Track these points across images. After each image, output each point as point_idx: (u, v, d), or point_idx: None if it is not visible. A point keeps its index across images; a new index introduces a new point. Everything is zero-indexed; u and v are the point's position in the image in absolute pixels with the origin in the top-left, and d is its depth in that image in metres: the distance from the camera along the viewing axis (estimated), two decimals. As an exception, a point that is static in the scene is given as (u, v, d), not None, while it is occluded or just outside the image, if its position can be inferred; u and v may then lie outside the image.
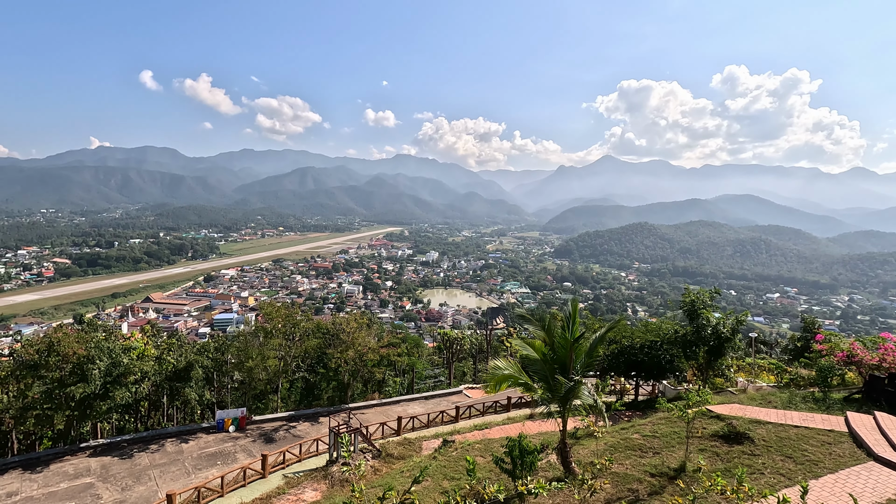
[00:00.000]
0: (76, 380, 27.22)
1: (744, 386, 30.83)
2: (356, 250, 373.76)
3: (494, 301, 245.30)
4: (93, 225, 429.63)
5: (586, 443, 21.46)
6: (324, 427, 32.49)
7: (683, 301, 30.54)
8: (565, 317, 18.20)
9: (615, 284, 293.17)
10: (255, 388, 39.73)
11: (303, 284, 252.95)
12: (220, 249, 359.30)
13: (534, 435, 24.28)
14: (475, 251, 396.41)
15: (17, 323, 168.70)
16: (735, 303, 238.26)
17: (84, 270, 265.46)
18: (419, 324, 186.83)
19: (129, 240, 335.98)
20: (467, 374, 60.55)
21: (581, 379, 16.81)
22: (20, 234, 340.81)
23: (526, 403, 36.60)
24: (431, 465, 20.46)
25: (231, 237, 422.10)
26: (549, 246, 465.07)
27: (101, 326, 34.98)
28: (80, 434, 32.14)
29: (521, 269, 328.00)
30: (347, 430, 24.96)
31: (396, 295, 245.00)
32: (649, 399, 34.06)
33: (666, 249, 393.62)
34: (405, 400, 41.38)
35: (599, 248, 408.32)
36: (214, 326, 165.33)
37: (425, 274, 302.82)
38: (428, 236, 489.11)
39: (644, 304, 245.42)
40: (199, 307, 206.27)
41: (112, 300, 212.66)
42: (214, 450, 28.58)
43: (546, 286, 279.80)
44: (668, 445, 18.98)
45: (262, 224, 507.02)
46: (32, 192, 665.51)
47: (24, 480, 24.03)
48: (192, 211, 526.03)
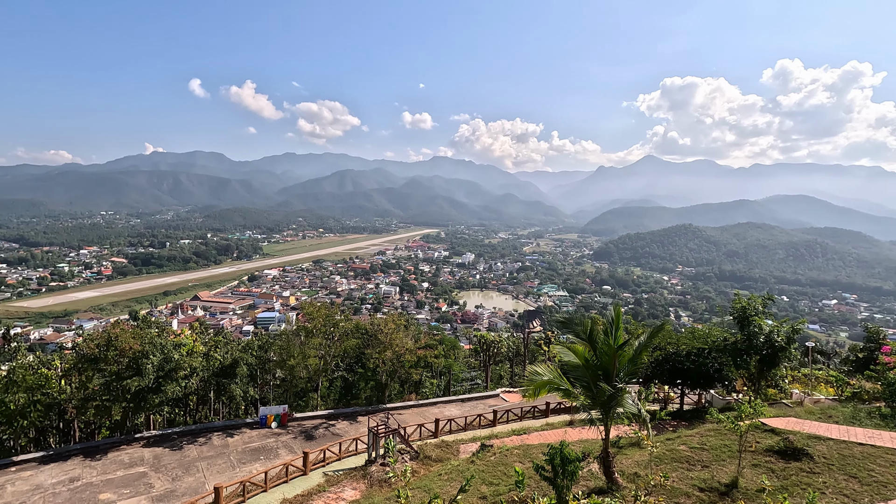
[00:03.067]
0: (132, 373, 28.69)
1: (800, 398, 29.14)
2: (393, 251, 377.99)
3: (531, 304, 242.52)
4: (147, 226, 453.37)
5: (629, 452, 20.78)
6: (362, 426, 32.91)
7: (733, 307, 29.12)
8: (607, 322, 17.71)
9: (657, 288, 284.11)
10: (296, 385, 40.74)
11: (341, 285, 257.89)
12: (264, 250, 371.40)
13: (574, 442, 23.72)
14: (511, 253, 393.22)
15: (78, 318, 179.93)
16: (788, 309, 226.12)
17: (139, 269, 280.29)
18: (455, 325, 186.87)
19: (179, 240, 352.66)
20: (504, 378, 60.03)
21: (625, 387, 16.29)
22: (82, 235, 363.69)
23: (565, 409, 35.90)
24: (469, 469, 20.31)
25: (274, 238, 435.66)
26: (588, 248, 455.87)
27: (154, 323, 36.72)
28: (135, 425, 33.83)
29: (558, 271, 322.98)
30: (386, 430, 25.16)
31: (433, 296, 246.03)
32: (696, 409, 32.71)
33: (711, 252, 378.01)
34: (442, 402, 41.40)
35: (640, 250, 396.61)
36: (257, 324, 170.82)
37: (461, 276, 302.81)
38: (464, 238, 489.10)
39: (688, 310, 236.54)
40: (243, 306, 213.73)
41: (163, 298, 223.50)
42: (258, 445, 29.44)
43: (585, 289, 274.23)
44: (718, 459, 18.11)
45: (303, 225, 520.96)
46: (93, 195, 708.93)
47: (85, 467, 25.48)
48: (238, 213, 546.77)
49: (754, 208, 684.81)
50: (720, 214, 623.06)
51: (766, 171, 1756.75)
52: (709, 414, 20.39)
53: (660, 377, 31.52)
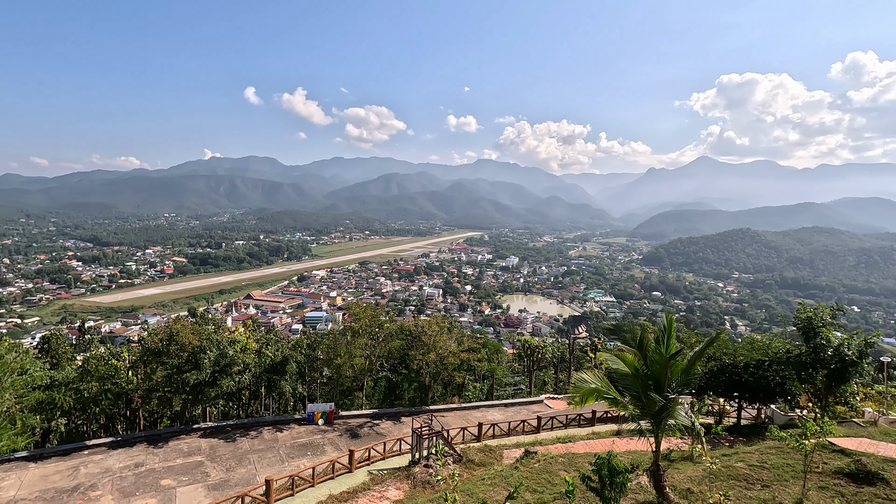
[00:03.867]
0: (191, 367, 30.33)
1: (873, 418, 26.99)
2: (437, 254, 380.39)
3: (577, 309, 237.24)
4: (205, 228, 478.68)
5: (681, 466, 19.90)
6: (405, 426, 33.24)
7: (798, 317, 27.29)
8: (658, 330, 17.05)
9: (711, 295, 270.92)
10: (342, 384, 41.69)
11: (386, 286, 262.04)
12: (312, 251, 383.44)
13: (622, 453, 22.98)
14: (557, 257, 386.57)
15: (143, 313, 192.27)
16: (859, 321, 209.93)
17: (197, 268, 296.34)
18: (498, 329, 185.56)
19: (234, 241, 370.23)
20: (548, 384, 59.07)
21: (677, 397, 15.63)
22: (147, 236, 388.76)
23: (612, 418, 34.87)
24: (514, 475, 20.08)
25: (322, 240, 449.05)
26: (637, 252, 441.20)
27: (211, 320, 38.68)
28: (193, 416, 35.70)
29: (605, 276, 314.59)
30: (429, 432, 25.30)
31: (475, 299, 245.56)
32: (754, 424, 30.90)
33: (772, 258, 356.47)
34: (485, 406, 41.18)
35: (693, 255, 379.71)
36: (306, 323, 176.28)
37: (505, 279, 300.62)
38: (508, 241, 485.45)
39: (745, 318, 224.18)
40: (292, 305, 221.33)
41: (219, 296, 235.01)
42: (305, 441, 30.34)
43: (633, 295, 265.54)
44: (780, 479, 17.04)
45: (350, 228, 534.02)
46: (157, 199, 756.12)
47: (148, 454, 27.13)
48: (288, 215, 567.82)
49: (821, 211, 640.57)
50: (782, 218, 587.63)
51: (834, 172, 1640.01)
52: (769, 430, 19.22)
53: (714, 389, 30.00)
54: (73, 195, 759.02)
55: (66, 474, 24.34)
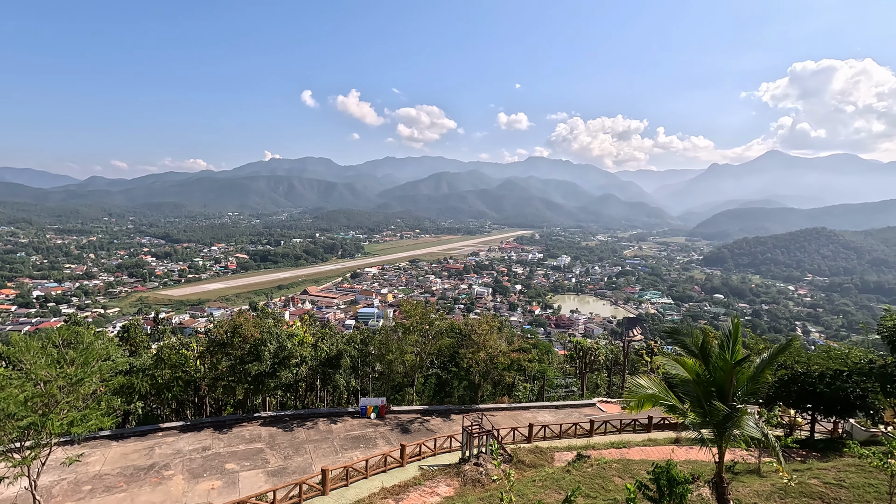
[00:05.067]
0: (252, 359, 31.94)
1: (973, 438, 24.24)
2: (486, 253, 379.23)
3: (631, 311, 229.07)
4: (265, 226, 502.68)
5: (747, 480, 18.79)
6: (455, 424, 33.43)
7: (883, 324, 24.97)
8: (722, 334, 16.17)
9: (780, 299, 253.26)
10: (394, 380, 42.46)
11: (436, 284, 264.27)
12: (365, 249, 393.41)
13: (681, 462, 22.01)
14: (610, 256, 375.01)
15: (209, 306, 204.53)
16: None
17: (258, 265, 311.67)
18: (548, 330, 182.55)
19: (291, 239, 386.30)
20: (601, 387, 57.49)
21: (745, 407, 14.75)
22: (213, 233, 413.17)
23: (669, 426, 33.45)
24: (565, 478, 19.72)
25: (374, 238, 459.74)
26: (697, 253, 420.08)
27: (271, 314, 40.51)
28: (254, 405, 37.59)
29: (662, 277, 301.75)
30: (480, 430, 25.31)
31: (525, 299, 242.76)
32: (830, 439, 28.68)
33: (851, 260, 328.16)
34: (535, 407, 40.68)
35: (760, 256, 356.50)
36: (358, 319, 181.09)
37: (556, 279, 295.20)
38: (559, 240, 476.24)
39: (819, 325, 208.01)
40: (346, 301, 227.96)
41: (277, 291, 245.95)
42: (358, 433, 31.19)
43: (692, 297, 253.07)
44: (861, 499, 15.72)
45: (401, 226, 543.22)
46: (222, 198, 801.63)
47: (214, 439, 28.85)
48: (342, 214, 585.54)
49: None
50: (863, 217, 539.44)
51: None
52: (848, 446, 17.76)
53: (784, 399, 28.09)
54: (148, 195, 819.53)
55: (142, 453, 26.35)
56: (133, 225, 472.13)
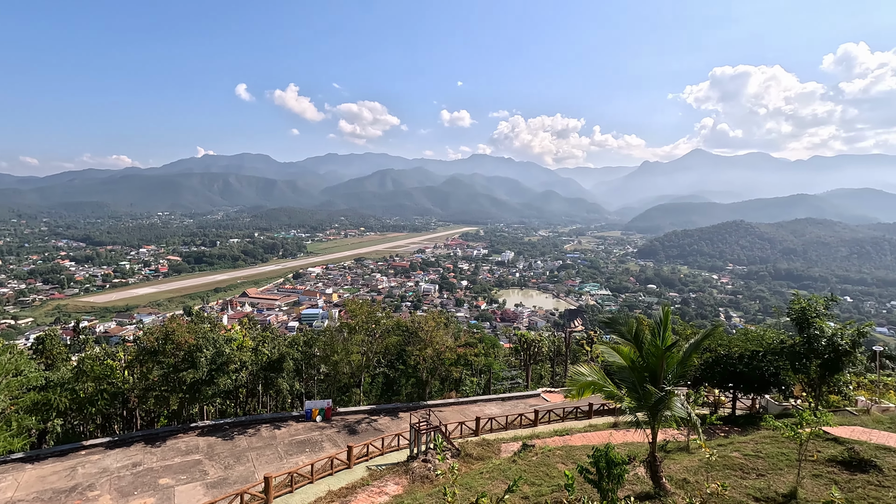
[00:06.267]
0: (187, 366, 30.26)
1: (866, 406, 27.30)
2: (432, 250, 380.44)
3: (572, 303, 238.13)
4: (199, 226, 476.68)
5: (677, 457, 20.08)
6: (403, 422, 33.34)
7: (792, 308, 27.51)
8: (654, 322, 17.15)
9: (706, 288, 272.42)
10: (340, 381, 41.71)
11: (382, 282, 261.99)
12: (308, 248, 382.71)
13: (619, 445, 23.14)
14: (552, 251, 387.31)
15: (138, 312, 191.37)
16: (851, 311, 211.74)
17: (192, 267, 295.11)
18: (494, 324, 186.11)
19: (228, 239, 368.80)
20: (545, 378, 59.31)
21: (673, 389, 15.72)
22: (141, 235, 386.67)
23: (608, 411, 35.08)
24: (511, 468, 20.20)
25: (317, 237, 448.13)
26: (632, 246, 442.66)
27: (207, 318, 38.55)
28: (190, 415, 35.64)
29: (601, 269, 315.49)
30: (427, 427, 25.39)
31: (472, 294, 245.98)
32: (749, 414, 31.20)
33: (766, 250, 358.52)
34: (482, 400, 41.34)
35: (688, 248, 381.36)
36: (302, 321, 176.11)
37: (501, 274, 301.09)
38: (503, 236, 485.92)
39: (739, 310, 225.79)
40: (288, 302, 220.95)
41: (214, 294, 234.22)
42: (303, 437, 30.37)
43: (628, 288, 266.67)
44: (775, 468, 17.22)
45: (345, 224, 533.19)
46: (151, 197, 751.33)
47: (146, 453, 27.07)
48: (283, 213, 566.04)
49: (814, 203, 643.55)
50: (776, 210, 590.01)
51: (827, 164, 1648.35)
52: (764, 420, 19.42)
53: (710, 380, 30.25)
54: (66, 194, 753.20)
55: (63, 475, 24.26)
56: (47, 227, 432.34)
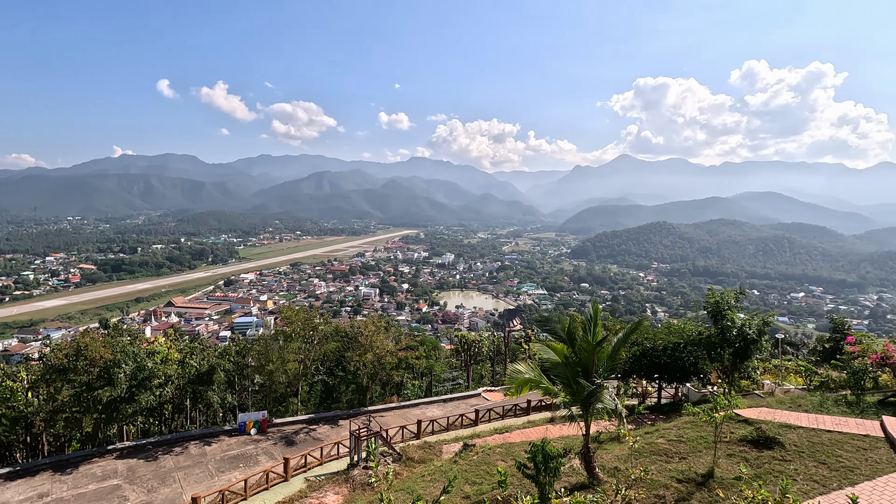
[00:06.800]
0: (103, 383, 27.82)
1: (771, 389, 30.06)
2: (372, 253, 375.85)
3: (511, 303, 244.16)
4: (117, 231, 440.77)
5: (609, 447, 21.10)
6: (344, 430, 32.62)
7: (707, 302, 29.82)
8: (586, 319, 17.96)
9: (633, 285, 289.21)
10: (276, 391, 40.12)
11: (320, 288, 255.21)
12: (240, 254, 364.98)
13: (556, 439, 23.98)
14: (491, 253, 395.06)
15: (45, 327, 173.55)
16: (758, 303, 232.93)
17: (109, 276, 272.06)
18: (436, 326, 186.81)
19: (151, 245, 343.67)
20: (485, 377, 60.29)
21: (603, 382, 16.52)
22: (48, 241, 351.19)
23: (546, 407, 36.25)
24: (452, 469, 20.33)
25: (250, 242, 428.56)
26: (566, 247, 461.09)
27: (126, 331, 35.69)
28: (107, 437, 32.80)
29: (537, 270, 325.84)
30: (368, 433, 25.00)
31: (413, 297, 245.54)
32: (673, 402, 33.42)
33: (685, 249, 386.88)
34: (424, 403, 41.33)
35: (617, 248, 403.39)
36: (235, 330, 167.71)
37: (441, 276, 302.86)
38: (444, 238, 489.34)
39: (664, 305, 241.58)
40: (219, 311, 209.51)
41: (136, 305, 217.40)
42: (237, 452, 28.89)
43: (563, 287, 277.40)
44: (695, 450, 18.54)
45: (280, 228, 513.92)
46: (59, 201, 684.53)
47: (55, 482, 24.58)
48: (213, 216, 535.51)
49: (726, 205, 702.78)
50: (694, 212, 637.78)
51: (736, 169, 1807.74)
52: (685, 407, 20.85)
53: (638, 372, 32.08)
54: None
55: (-48, 513, 21.53)
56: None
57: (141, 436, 37.19)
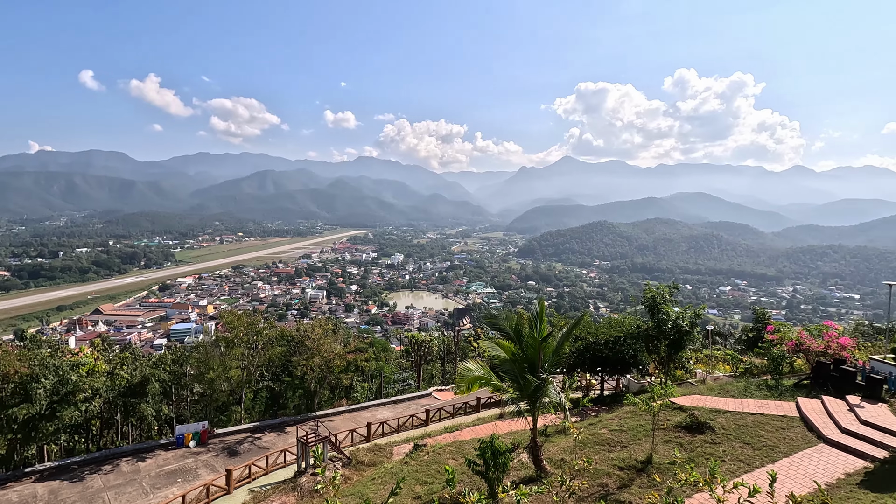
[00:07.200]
0: (19, 400, 25.50)
1: (702, 377, 32.06)
2: (319, 254, 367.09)
3: (461, 302, 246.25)
4: (34, 234, 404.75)
5: (556, 440, 21.75)
6: (291, 437, 31.67)
7: (644, 296, 31.36)
8: (532, 316, 18.38)
9: (577, 282, 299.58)
10: (217, 399, 38.35)
11: (264, 291, 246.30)
12: (176, 257, 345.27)
13: (504, 434, 24.42)
14: (440, 252, 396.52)
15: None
16: (691, 297, 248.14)
17: (25, 283, 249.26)
18: (386, 327, 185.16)
19: (74, 249, 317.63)
20: (436, 377, 60.44)
21: (549, 377, 17.00)
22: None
23: (495, 403, 36.82)
24: (403, 470, 20.22)
25: (188, 244, 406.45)
26: (513, 246, 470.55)
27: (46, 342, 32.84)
28: (25, 458, 30.07)
29: (486, 269, 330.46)
30: (316, 439, 24.39)
31: (362, 299, 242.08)
32: (615, 393, 34.91)
33: (625, 247, 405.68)
34: (374, 405, 40.87)
35: (561, 246, 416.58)
36: (171, 337, 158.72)
37: (391, 277, 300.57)
38: (392, 239, 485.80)
39: (605, 301, 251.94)
40: (153, 318, 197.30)
41: (57, 313, 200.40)
42: (174, 467, 27.33)
43: (511, 285, 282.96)
44: (635, 438, 19.48)
45: (221, 230, 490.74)
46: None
47: (-39, 512, 22.26)
48: (145, 217, 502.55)
49: (661, 205, 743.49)
50: (632, 211, 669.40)
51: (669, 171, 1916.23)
52: (626, 398, 21.85)
53: (582, 366, 33.23)
54: None
55: None
56: None
57: (65, 455, 34.35)
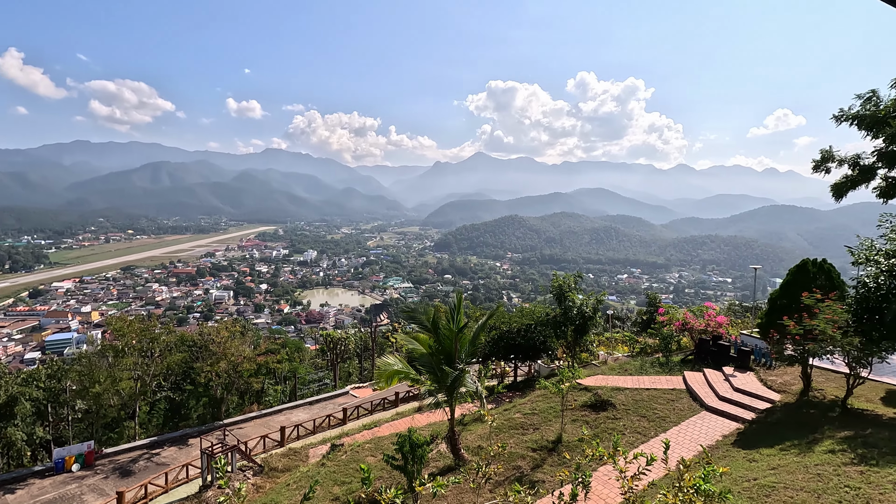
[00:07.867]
0: None
1: (604, 358, 34.63)
2: (224, 252, 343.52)
3: (378, 298, 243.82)
4: None
5: (473, 427, 22.31)
6: (194, 449, 29.39)
7: (552, 286, 33.23)
8: (450, 308, 18.62)
9: (491, 274, 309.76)
10: (106, 416, 34.54)
11: (161, 293, 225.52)
12: (51, 258, 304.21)
13: (423, 427, 24.57)
14: (356, 248, 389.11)
15: None
16: (593, 284, 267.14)
17: None
18: (299, 327, 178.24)
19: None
20: (353, 374, 59.39)
21: (465, 367, 17.34)
22: None
23: (414, 397, 36.95)
24: (320, 472, 19.57)
25: (65, 243, 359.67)
26: (430, 240, 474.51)
27: None
28: None
29: (402, 264, 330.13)
30: (222, 449, 22.83)
31: (273, 298, 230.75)
32: (527, 379, 36.55)
33: (534, 239, 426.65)
34: (288, 408, 39.19)
35: (476, 240, 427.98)
36: (46, 350, 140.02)
37: (304, 274, 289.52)
38: (305, 234, 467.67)
39: (518, 291, 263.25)
40: (23, 329, 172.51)
41: None
42: (53, 496, 24.17)
43: (428, 279, 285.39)
44: (546, 420, 20.54)
45: (106, 227, 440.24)
46: None
47: None
48: (9, 213, 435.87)
49: (566, 200, 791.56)
50: (540, 206, 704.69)
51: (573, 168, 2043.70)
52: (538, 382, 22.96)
53: (496, 354, 34.39)
54: None
55: None
56: None
57: None
